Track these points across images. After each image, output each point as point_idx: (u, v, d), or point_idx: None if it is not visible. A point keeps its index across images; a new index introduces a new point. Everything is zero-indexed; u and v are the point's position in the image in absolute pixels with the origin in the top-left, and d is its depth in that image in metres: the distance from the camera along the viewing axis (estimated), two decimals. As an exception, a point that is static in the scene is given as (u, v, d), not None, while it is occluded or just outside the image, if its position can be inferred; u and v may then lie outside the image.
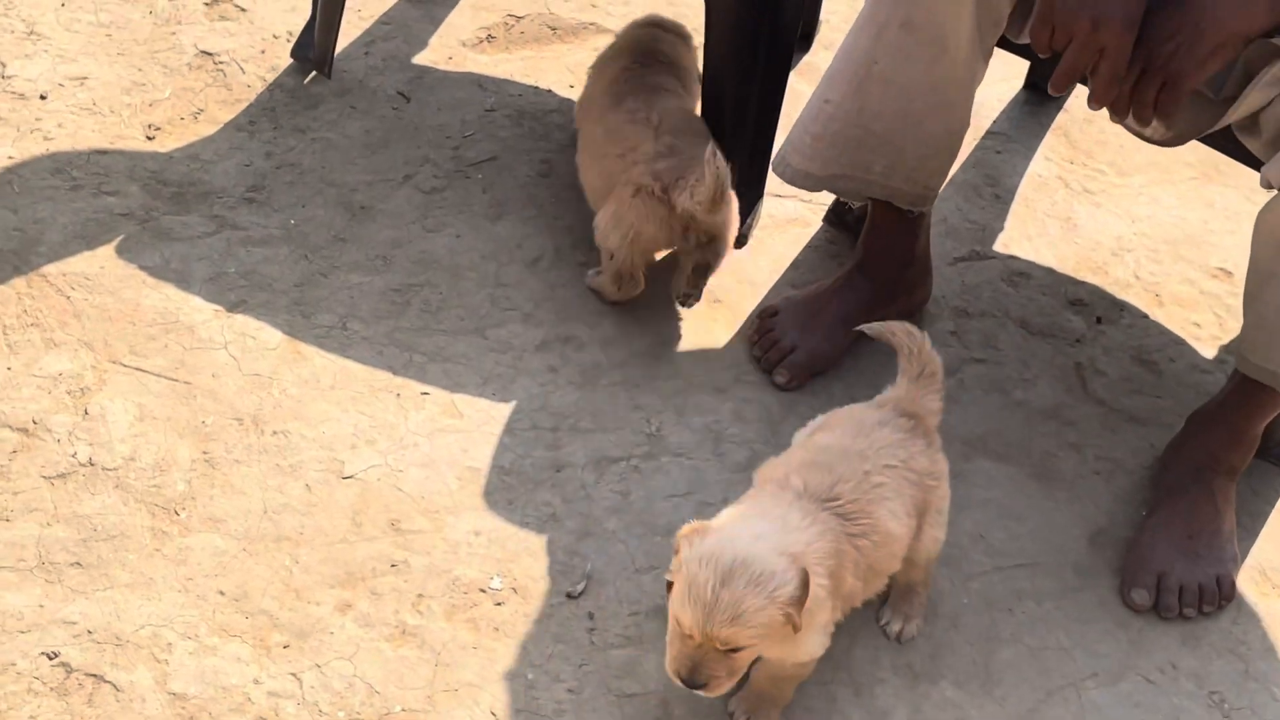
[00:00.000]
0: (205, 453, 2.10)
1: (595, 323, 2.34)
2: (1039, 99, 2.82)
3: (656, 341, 2.33)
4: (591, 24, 2.84)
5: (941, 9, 1.99)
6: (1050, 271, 2.51)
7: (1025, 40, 2.08)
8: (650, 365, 2.29)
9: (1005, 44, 2.21)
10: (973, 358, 2.36)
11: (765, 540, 1.66)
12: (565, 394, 2.23)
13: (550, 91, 2.70)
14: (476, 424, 2.18)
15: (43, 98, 2.53)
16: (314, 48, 2.63)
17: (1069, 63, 1.88)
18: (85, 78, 2.57)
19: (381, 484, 2.09)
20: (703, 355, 2.32)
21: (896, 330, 1.94)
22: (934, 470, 1.90)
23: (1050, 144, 2.74)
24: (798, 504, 1.73)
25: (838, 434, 1.85)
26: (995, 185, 2.65)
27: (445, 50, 2.76)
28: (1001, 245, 2.55)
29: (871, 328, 1.97)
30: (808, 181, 2.22)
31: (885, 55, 2.07)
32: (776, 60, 2.36)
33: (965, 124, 2.17)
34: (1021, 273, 2.50)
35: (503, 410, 2.20)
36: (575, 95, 2.69)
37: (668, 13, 2.75)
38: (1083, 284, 2.50)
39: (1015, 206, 2.62)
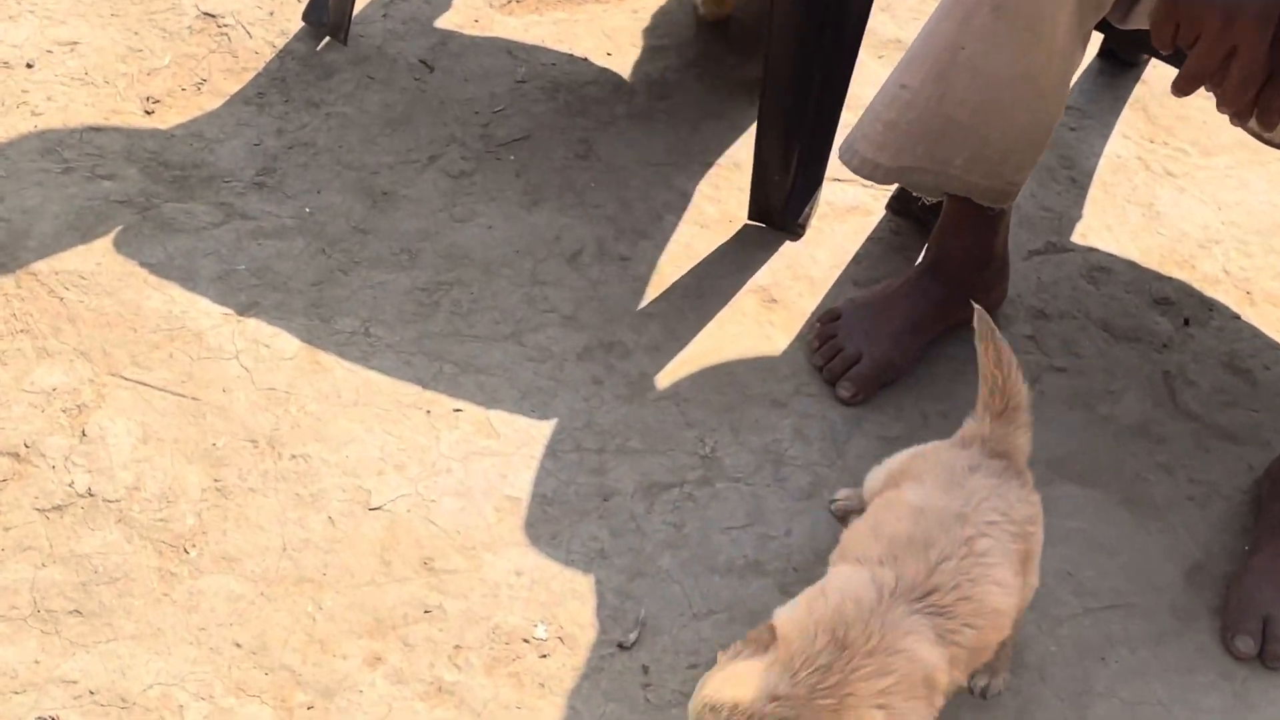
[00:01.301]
0: (217, 480, 1.89)
1: (641, 326, 2.13)
2: (1114, 69, 2.60)
3: (708, 347, 2.12)
4: (628, -19, 2.60)
5: (1039, -11, 1.77)
6: (1133, 266, 2.30)
7: (1131, 26, 1.86)
8: (702, 375, 2.09)
9: (1100, 25, 1.99)
10: (1053, 366, 2.16)
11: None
12: (611, 409, 2.03)
13: (586, 60, 2.47)
14: (515, 445, 1.98)
15: (29, 66, 2.29)
16: (328, 11, 2.40)
17: (1196, 63, 1.66)
18: (76, 43, 2.34)
19: (412, 516, 1.89)
20: (759, 363, 2.12)
21: (986, 352, 1.73)
22: (1033, 514, 1.71)
23: (1128, 120, 2.52)
24: (882, 613, 1.53)
25: (928, 488, 1.65)
26: (1071, 168, 2.43)
27: (470, 12, 2.52)
28: (1080, 236, 2.34)
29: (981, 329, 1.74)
30: (877, 173, 2.01)
31: (973, 41, 1.84)
32: (846, 31, 2.14)
33: (1057, 116, 1.95)
34: (1102, 267, 2.29)
35: (543, 429, 2.00)
36: (613, 64, 2.47)
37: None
38: (1168, 280, 2.29)
39: (1093, 192, 2.40)
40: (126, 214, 2.14)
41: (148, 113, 2.28)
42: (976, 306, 1.75)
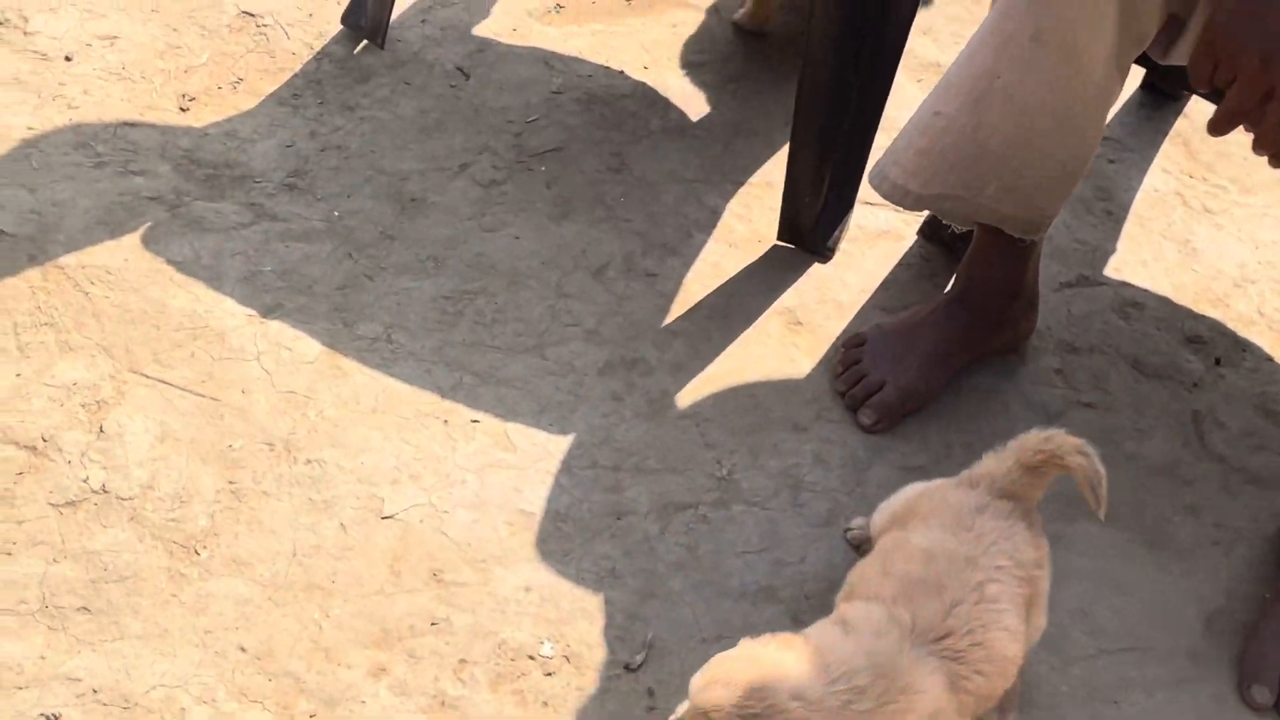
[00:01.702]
0: (231, 482, 1.89)
1: (665, 344, 2.12)
2: (1156, 102, 2.56)
3: (732, 368, 2.10)
4: (670, -5, 2.59)
5: (1079, 22, 1.74)
6: (1166, 302, 2.27)
7: (1172, 62, 1.83)
8: (724, 396, 2.07)
9: (1140, 59, 1.96)
10: (1080, 401, 2.13)
11: None
12: (630, 427, 2.02)
13: (623, 73, 2.46)
14: (531, 459, 1.96)
15: (68, 59, 2.30)
16: (366, 14, 2.39)
17: (1233, 103, 1.63)
18: (115, 37, 2.35)
19: (424, 526, 1.88)
20: (782, 386, 2.10)
21: (1074, 454, 1.66)
22: (1039, 558, 1.68)
23: (1168, 154, 2.49)
24: (907, 650, 1.51)
25: (936, 530, 1.62)
26: (1108, 200, 2.40)
27: (509, 20, 2.51)
28: (1113, 270, 2.31)
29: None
30: (907, 199, 1.98)
31: (1011, 69, 1.82)
32: (884, 52, 2.12)
33: (1093, 148, 1.93)
34: (1135, 303, 2.26)
35: (560, 444, 1.99)
36: (649, 78, 2.46)
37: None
38: (1202, 318, 2.26)
39: (1129, 226, 2.37)
40: (156, 211, 2.15)
41: (183, 110, 2.28)
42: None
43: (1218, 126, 1.67)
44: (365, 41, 2.41)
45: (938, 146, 1.89)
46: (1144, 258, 2.33)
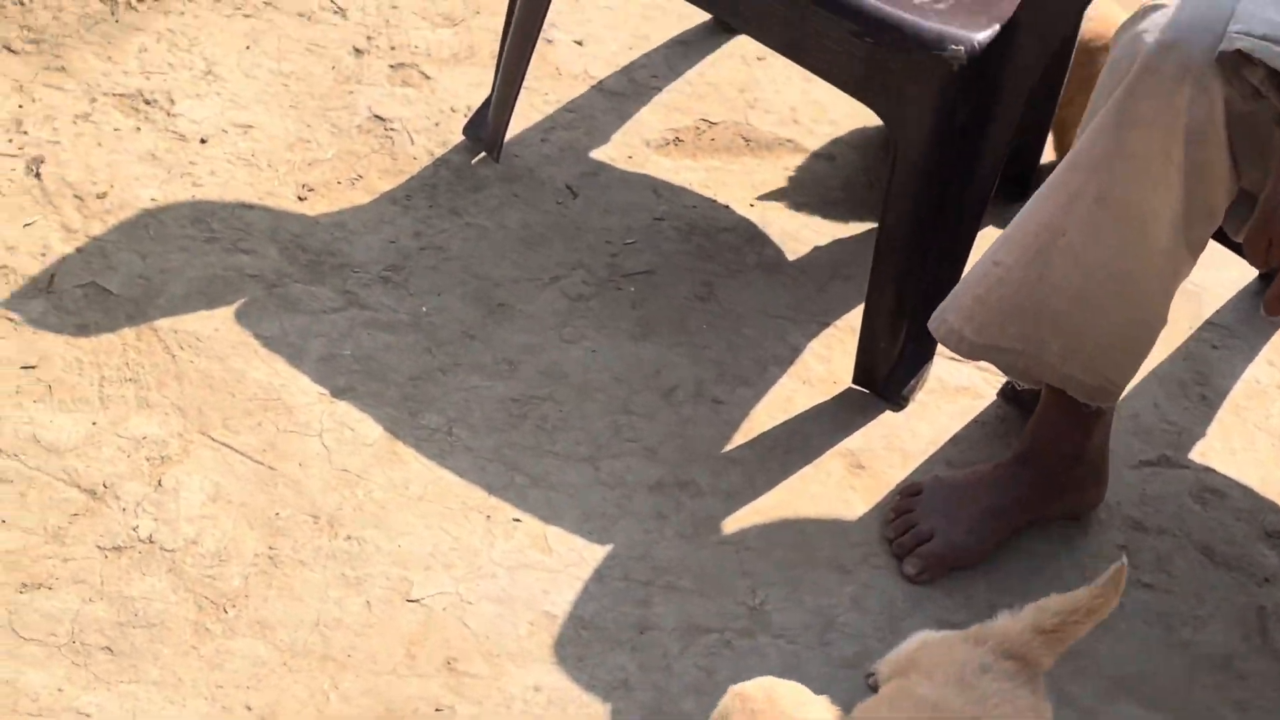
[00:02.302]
0: (271, 548, 1.95)
1: (720, 470, 2.12)
2: (1272, 292, 2.50)
3: (784, 501, 2.10)
4: (789, 140, 2.64)
5: (1143, 188, 1.73)
6: (1250, 493, 2.20)
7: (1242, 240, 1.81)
8: (771, 529, 2.06)
9: (1225, 239, 1.94)
10: (1140, 581, 2.07)
11: None
12: (669, 546, 2.02)
13: (728, 207, 2.51)
14: (565, 564, 1.98)
15: (202, 141, 2.44)
16: (487, 127, 2.49)
17: (1287, 282, 1.61)
18: (251, 126, 2.48)
19: (447, 615, 1.91)
20: (832, 525, 2.08)
21: (1095, 597, 1.64)
22: (1041, 727, 1.64)
23: (1278, 346, 2.42)
24: None
25: (938, 684, 1.59)
26: (1205, 384, 2.34)
27: (627, 148, 2.59)
28: (1198, 454, 2.25)
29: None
30: (962, 345, 1.98)
31: (1075, 228, 1.82)
32: (969, 202, 2.13)
33: (1161, 320, 1.90)
34: (1215, 490, 2.19)
35: (597, 553, 2.00)
36: (754, 214, 2.50)
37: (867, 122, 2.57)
38: (1285, 514, 2.18)
39: (1223, 413, 2.31)
40: (255, 288, 2.25)
41: (300, 199, 2.40)
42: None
43: (1270, 307, 1.64)
44: (484, 153, 2.50)
45: (994, 296, 1.89)
46: (1234, 446, 2.27)
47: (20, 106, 2.42)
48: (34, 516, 1.93)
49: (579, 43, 2.74)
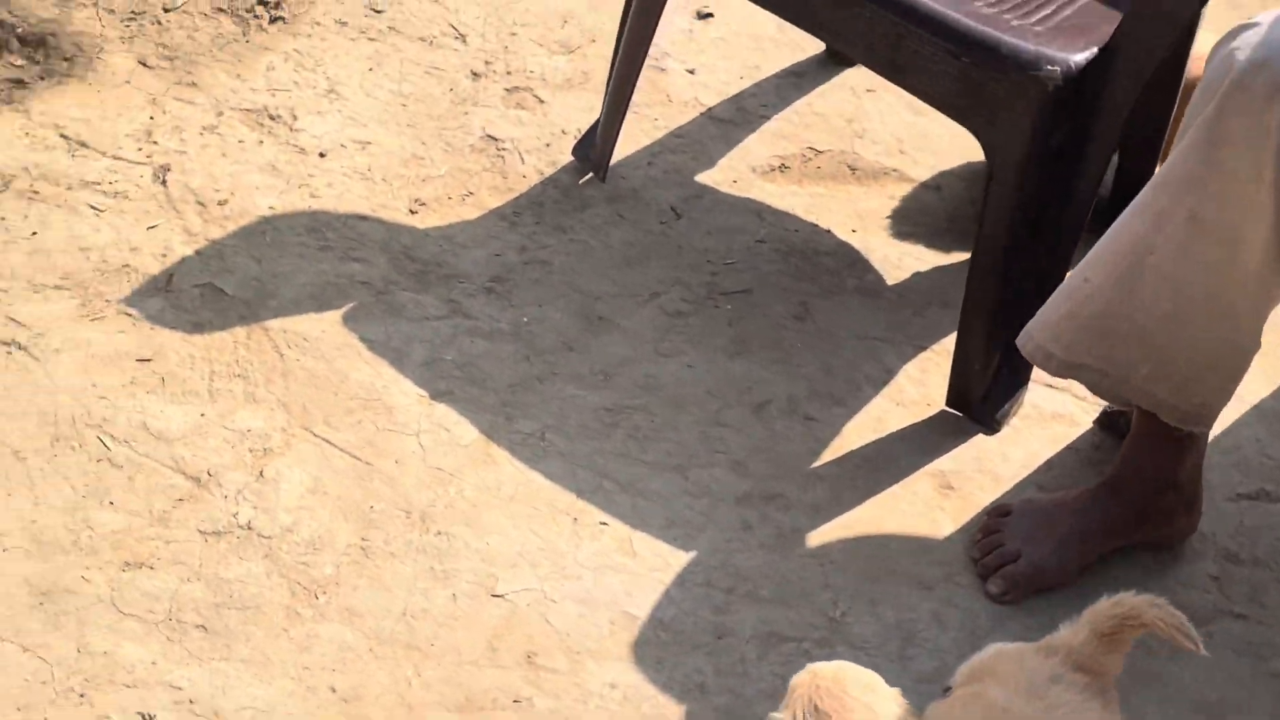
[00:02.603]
0: (364, 539, 2.01)
1: (808, 485, 2.14)
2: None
3: (870, 517, 2.11)
4: (894, 170, 2.66)
5: (1233, 207, 1.73)
6: (1351, 529, 2.16)
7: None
8: (855, 543, 2.07)
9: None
10: (1232, 611, 2.04)
11: None
12: (752, 555, 2.04)
13: (830, 232, 2.53)
14: (648, 568, 2.01)
15: (321, 155, 2.53)
16: (595, 149, 2.55)
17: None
18: (368, 143, 2.57)
19: (530, 610, 1.95)
20: (917, 543, 2.09)
21: (1150, 609, 1.63)
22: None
23: (1389, 385, 2.38)
24: None
25: (1009, 691, 1.60)
26: (1307, 419, 2.31)
27: (732, 172, 2.63)
28: (1298, 489, 2.21)
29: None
30: (1050, 363, 1.97)
31: (1165, 246, 1.81)
32: (1065, 232, 2.13)
33: (1254, 343, 1.88)
34: (1315, 524, 2.16)
35: (680, 559, 2.03)
36: (855, 240, 2.52)
37: (974, 156, 2.59)
38: (1390, 554, 2.13)
39: (1325, 448, 2.27)
40: (364, 294, 2.32)
41: (412, 212, 2.47)
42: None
43: None
44: (591, 174, 2.56)
45: (1083, 313, 1.89)
46: (1336, 482, 2.23)
47: (151, 118, 2.53)
48: (140, 500, 2.01)
49: (691, 71, 2.80)
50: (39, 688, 1.81)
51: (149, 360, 2.18)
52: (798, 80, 2.82)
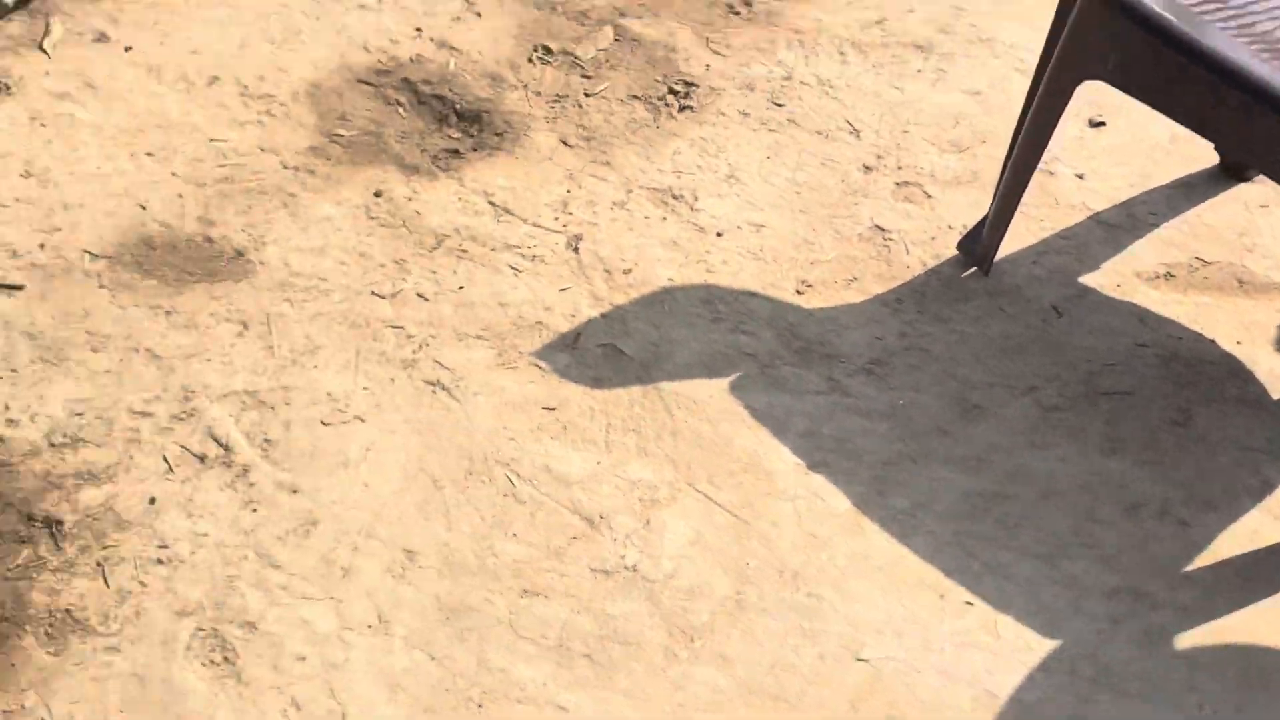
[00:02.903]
0: (739, 593, 2.12)
1: (1180, 586, 2.15)
2: None
3: (1244, 624, 2.10)
4: (1285, 285, 2.64)
5: None
6: None
7: None
8: (1227, 650, 2.07)
9: None
10: None
11: None
12: (1119, 649, 2.06)
13: (1213, 342, 2.53)
14: (1011, 649, 2.06)
15: (719, 234, 2.70)
16: (980, 244, 2.63)
17: None
18: (762, 225, 2.72)
19: (894, 678, 2.02)
20: (1291, 658, 2.06)
21: None
22: None
23: None
24: None
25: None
26: None
27: (1116, 276, 2.66)
28: None
29: None
30: None
31: None
32: None
33: None
34: None
35: (1044, 645, 2.06)
36: (1240, 352, 2.51)
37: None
38: None
39: None
40: (749, 365, 2.46)
41: (799, 293, 2.60)
42: None
43: None
44: (974, 268, 2.64)
45: None
46: None
47: (569, 192, 2.75)
48: (540, 534, 2.18)
49: (1080, 176, 2.85)
50: (443, 694, 1.98)
51: (554, 409, 2.36)
52: (1188, 191, 2.84)
